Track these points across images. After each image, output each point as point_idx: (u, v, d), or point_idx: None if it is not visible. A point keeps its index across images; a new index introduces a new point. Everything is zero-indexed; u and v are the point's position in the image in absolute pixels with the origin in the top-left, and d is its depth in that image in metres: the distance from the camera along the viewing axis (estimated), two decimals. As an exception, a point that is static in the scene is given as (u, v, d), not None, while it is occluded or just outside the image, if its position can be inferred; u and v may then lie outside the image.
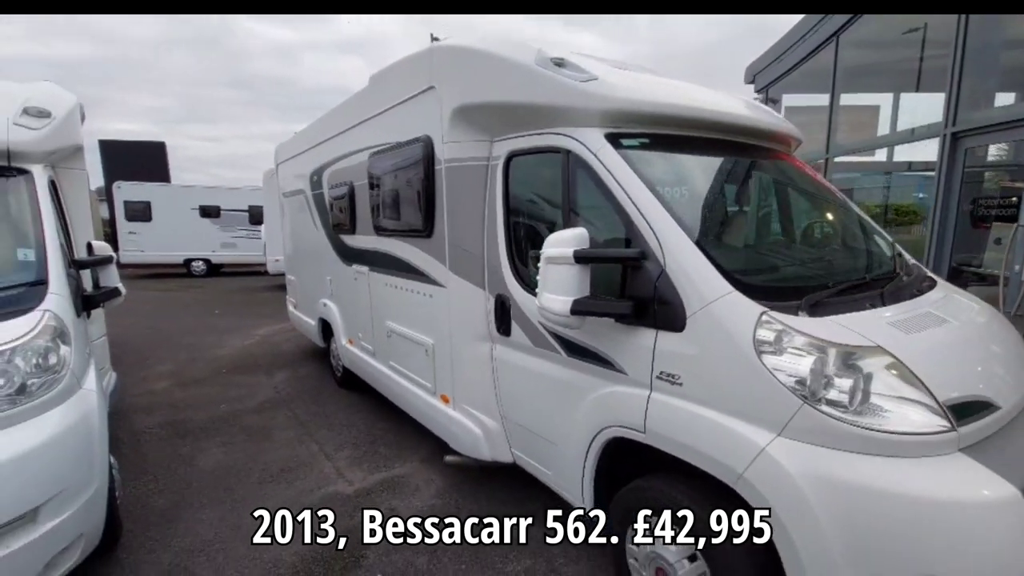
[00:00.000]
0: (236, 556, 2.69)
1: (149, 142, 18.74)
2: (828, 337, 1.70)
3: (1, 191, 2.73)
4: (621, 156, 2.17)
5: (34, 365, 2.26)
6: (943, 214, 5.75)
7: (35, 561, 2.03)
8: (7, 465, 1.98)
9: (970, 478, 1.52)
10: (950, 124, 5.63)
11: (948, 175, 5.70)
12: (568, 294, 2.03)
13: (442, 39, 2.97)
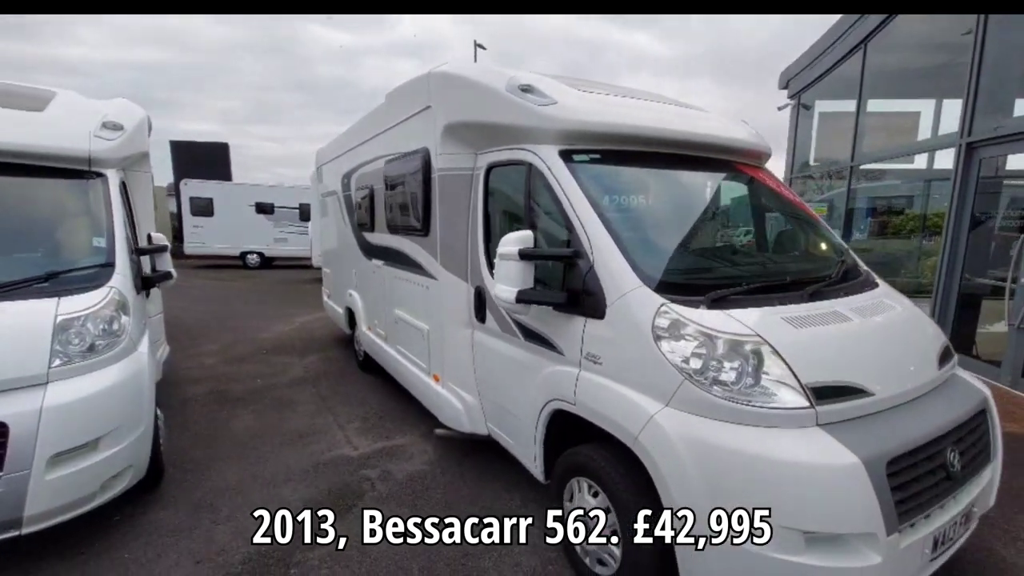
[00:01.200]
0: (251, 498, 3.24)
1: (214, 143, 20.34)
2: (715, 327, 2.02)
3: (82, 191, 3.38)
4: (569, 170, 2.54)
5: (101, 330, 2.86)
6: (956, 225, 5.71)
7: (94, 481, 2.61)
8: (78, 404, 2.57)
9: (818, 447, 1.81)
10: (965, 134, 5.59)
11: (963, 186, 5.65)
12: (514, 285, 2.43)
13: (486, 46, 3.42)
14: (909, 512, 1.87)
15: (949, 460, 2.04)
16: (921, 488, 1.93)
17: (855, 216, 8.57)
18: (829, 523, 1.75)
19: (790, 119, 10.24)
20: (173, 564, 2.62)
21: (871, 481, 1.76)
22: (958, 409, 2.21)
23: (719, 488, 1.84)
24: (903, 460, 1.88)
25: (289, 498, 3.23)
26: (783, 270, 2.74)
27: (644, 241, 2.43)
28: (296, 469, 3.61)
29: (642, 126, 2.74)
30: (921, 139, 7.60)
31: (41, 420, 2.43)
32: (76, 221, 3.34)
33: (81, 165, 3.40)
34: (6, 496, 2.34)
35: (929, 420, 2.07)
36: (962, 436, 2.16)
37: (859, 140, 7.91)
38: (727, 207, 3.02)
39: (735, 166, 3.18)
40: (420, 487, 3.39)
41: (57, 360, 2.60)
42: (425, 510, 3.11)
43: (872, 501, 1.75)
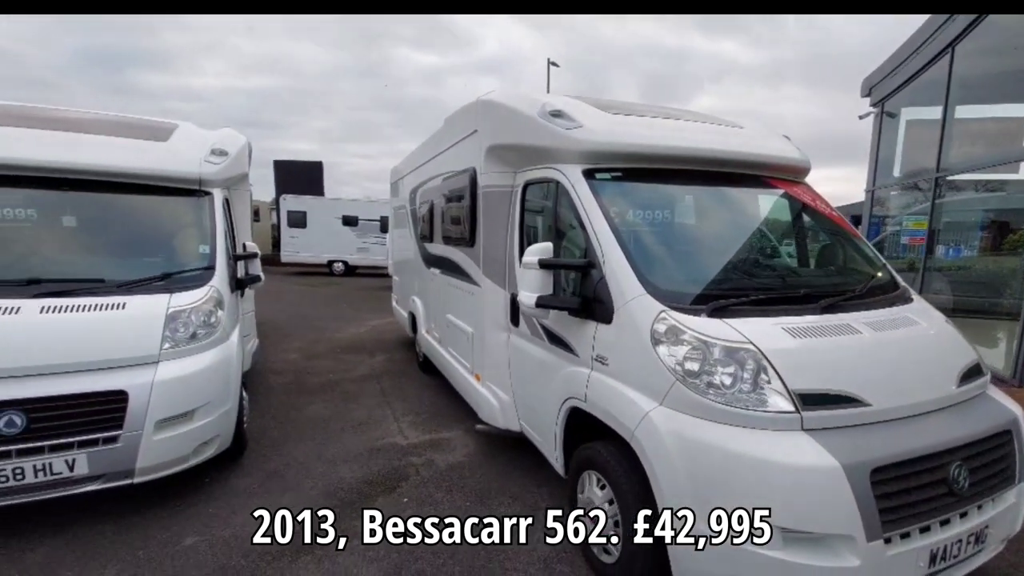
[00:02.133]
0: (313, 471, 3.71)
1: (310, 162, 22.41)
2: (710, 333, 2.17)
3: (193, 207, 4.08)
4: (590, 187, 2.78)
5: (202, 321, 3.46)
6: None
7: (189, 444, 3.18)
8: (181, 380, 3.15)
9: (798, 450, 1.91)
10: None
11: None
12: (535, 292, 2.69)
13: (563, 60, 3.79)
14: (898, 522, 1.90)
15: (953, 476, 2.03)
16: (914, 500, 1.96)
17: (960, 230, 7.88)
18: (805, 522, 1.84)
19: (872, 128, 9.64)
20: (245, 520, 3.11)
21: (851, 486, 1.83)
22: (972, 427, 2.18)
23: (701, 481, 1.99)
24: (891, 470, 1.93)
25: (344, 475, 3.68)
26: (801, 283, 2.78)
27: (653, 253, 2.61)
28: (353, 452, 4.07)
29: (662, 145, 2.92)
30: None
31: (152, 391, 3.02)
32: (187, 231, 4.03)
33: (193, 185, 4.10)
34: (124, 450, 2.94)
35: (932, 435, 2.08)
36: (973, 454, 2.13)
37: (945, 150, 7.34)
38: (751, 221, 3.10)
39: (767, 181, 3.25)
40: (457, 476, 3.71)
41: (167, 344, 3.21)
42: (458, 495, 3.42)
43: (851, 505, 1.82)
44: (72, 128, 4.01)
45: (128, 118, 4.71)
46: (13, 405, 2.74)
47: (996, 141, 8.41)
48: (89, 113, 4.67)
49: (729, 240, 2.89)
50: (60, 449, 2.82)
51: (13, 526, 2.96)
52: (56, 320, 3.02)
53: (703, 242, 2.84)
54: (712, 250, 2.82)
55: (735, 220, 3.03)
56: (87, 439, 2.87)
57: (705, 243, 2.84)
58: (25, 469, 2.75)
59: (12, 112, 4.04)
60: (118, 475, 2.97)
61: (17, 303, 3.04)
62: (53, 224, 3.71)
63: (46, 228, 3.69)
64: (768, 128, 3.76)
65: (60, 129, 3.93)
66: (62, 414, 2.83)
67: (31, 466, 2.75)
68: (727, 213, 3.05)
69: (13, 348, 2.86)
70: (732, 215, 3.05)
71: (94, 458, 2.89)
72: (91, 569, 2.66)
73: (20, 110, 4.17)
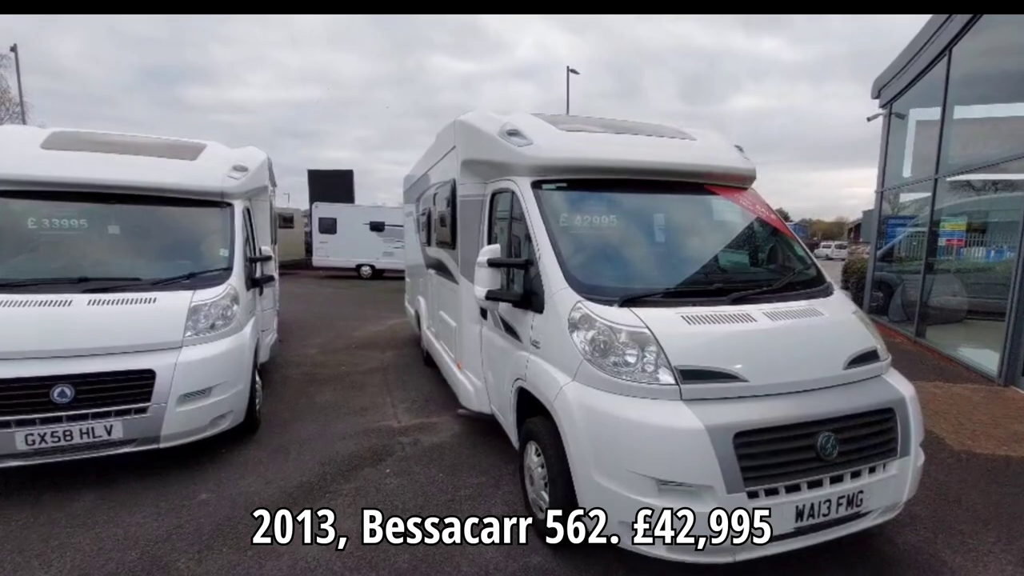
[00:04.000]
0: (315, 447, 4.26)
1: (341, 170, 23.50)
2: (615, 320, 2.56)
3: (215, 216, 4.70)
4: (535, 196, 3.21)
5: (219, 314, 4.06)
6: (1032, 241, 5.28)
7: (206, 417, 3.76)
8: (200, 362, 3.74)
9: (673, 415, 2.29)
10: (1041, 144, 5.19)
11: (1039, 199, 5.23)
12: (485, 286, 3.14)
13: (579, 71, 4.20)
14: (761, 479, 2.25)
15: (821, 444, 2.35)
16: (779, 461, 2.30)
17: (994, 230, 7.70)
18: (674, 473, 2.22)
19: (882, 129, 9.64)
20: (251, 483, 3.66)
21: (713, 445, 2.20)
22: (848, 403, 2.50)
23: (599, 442, 2.39)
24: (755, 435, 2.28)
25: (340, 450, 4.20)
26: (720, 279, 3.11)
27: (580, 253, 3.02)
28: (351, 432, 4.60)
29: (602, 158, 3.33)
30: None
31: (176, 371, 3.62)
32: (210, 237, 4.66)
33: (216, 198, 4.74)
34: (152, 419, 3.54)
35: (803, 408, 2.41)
36: (845, 427, 2.44)
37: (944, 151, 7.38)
38: (683, 225, 3.45)
39: (709, 189, 3.60)
40: (437, 453, 4.18)
41: (189, 332, 3.81)
42: (434, 468, 3.89)
43: (712, 461, 2.19)
44: (116, 150, 4.71)
45: (164, 140, 5.41)
46: (64, 379, 3.37)
47: (1011, 139, 8.32)
48: (132, 136, 5.39)
49: (656, 242, 3.27)
50: (100, 416, 3.44)
51: (62, 480, 3.60)
52: (100, 311, 3.66)
53: (630, 243, 3.22)
54: (638, 250, 3.21)
55: (667, 224, 3.39)
56: (122, 409, 3.48)
57: (632, 244, 3.22)
58: (73, 432, 3.37)
59: (67, 137, 4.77)
60: (147, 440, 3.58)
61: (70, 297, 3.70)
62: (100, 232, 4.40)
63: (94, 235, 4.37)
64: (722, 139, 4.09)
65: (105, 151, 4.63)
66: (102, 387, 3.45)
67: (77, 429, 3.38)
68: (660, 218, 3.41)
69: (65, 333, 3.51)
70: (665, 220, 3.42)
71: (128, 425, 3.50)
72: (122, 515, 3.25)
73: (74, 136, 4.90)
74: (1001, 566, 2.82)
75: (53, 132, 4.99)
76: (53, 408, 3.34)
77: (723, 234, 3.51)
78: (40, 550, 2.88)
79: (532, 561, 2.80)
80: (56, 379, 3.36)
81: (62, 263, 4.13)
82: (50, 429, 3.33)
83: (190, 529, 3.11)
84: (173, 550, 2.91)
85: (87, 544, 2.94)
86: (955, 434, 4.60)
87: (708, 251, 3.35)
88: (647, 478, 2.25)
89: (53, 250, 4.24)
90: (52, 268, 4.08)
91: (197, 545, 2.95)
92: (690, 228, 3.45)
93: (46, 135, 4.75)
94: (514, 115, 3.75)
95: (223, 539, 3.00)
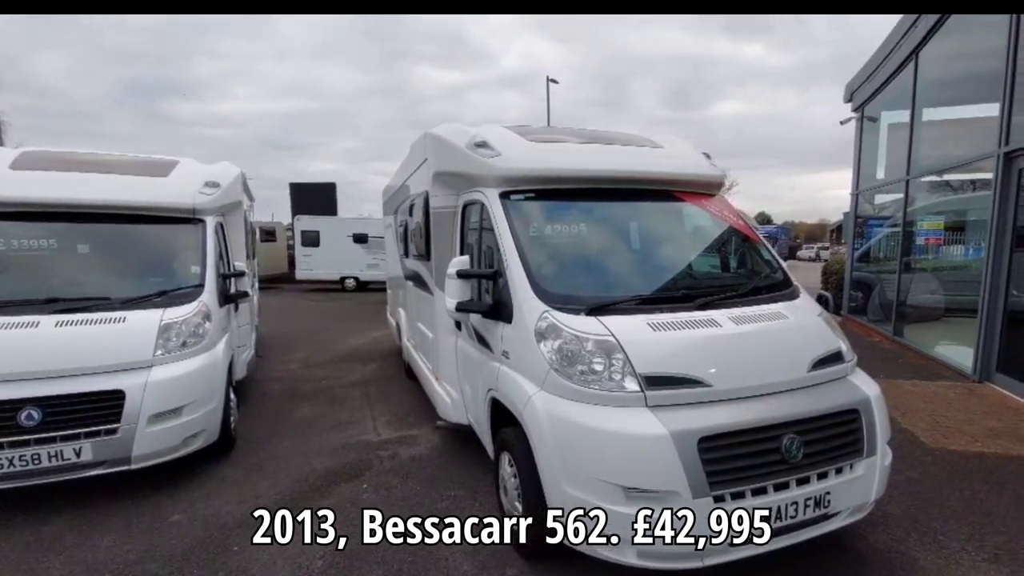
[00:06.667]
0: (292, 464, 4.21)
1: (324, 183, 23.44)
2: (582, 329, 2.58)
3: (187, 232, 4.66)
4: (503, 207, 3.23)
5: (191, 332, 4.01)
6: (998, 239, 5.40)
7: (177, 436, 3.71)
8: (170, 381, 3.69)
9: (638, 422, 2.31)
10: (1002, 143, 5.33)
11: (1003, 198, 5.36)
12: (455, 297, 3.14)
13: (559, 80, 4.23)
14: (727, 483, 2.27)
15: (786, 446, 2.38)
16: (744, 465, 2.31)
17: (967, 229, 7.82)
18: (639, 480, 2.23)
19: (855, 132, 9.84)
20: (225, 502, 3.61)
21: (677, 451, 2.21)
22: (812, 405, 2.53)
23: (567, 450, 2.39)
24: (720, 439, 2.29)
25: (317, 467, 4.15)
26: (686, 285, 3.14)
27: (548, 263, 3.03)
28: (329, 447, 4.55)
29: (569, 168, 3.36)
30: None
31: (146, 390, 3.57)
32: (182, 254, 4.60)
33: (187, 214, 4.70)
34: (123, 441, 3.48)
35: (767, 411, 2.43)
36: (810, 429, 2.46)
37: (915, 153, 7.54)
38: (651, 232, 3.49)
39: (678, 196, 3.65)
40: (416, 466, 4.15)
41: (159, 350, 3.75)
42: (412, 481, 3.86)
43: (676, 467, 2.20)
44: (86, 169, 4.67)
45: (136, 157, 5.37)
46: (31, 402, 3.31)
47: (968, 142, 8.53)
48: (104, 154, 5.34)
49: (624, 250, 3.30)
50: (69, 439, 3.37)
51: (33, 504, 3.52)
52: (68, 332, 3.61)
53: (598, 252, 3.25)
54: (605, 259, 3.23)
55: (635, 232, 3.42)
56: (91, 430, 3.42)
57: (600, 253, 3.25)
58: (41, 455, 3.31)
59: (36, 157, 4.72)
60: (118, 461, 3.51)
61: (37, 318, 3.64)
62: (69, 251, 4.34)
63: (64, 255, 4.32)
64: (690, 147, 4.15)
65: (75, 170, 4.58)
66: (71, 409, 3.39)
67: (46, 453, 3.31)
68: (628, 227, 3.44)
69: (32, 355, 3.45)
70: (633, 228, 3.45)
71: (97, 447, 3.44)
72: (93, 539, 3.18)
73: (44, 155, 4.85)
74: (973, 563, 2.85)
75: (23, 152, 4.94)
76: (20, 432, 3.27)
77: (691, 240, 3.55)
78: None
79: (507, 573, 2.79)
80: (23, 402, 3.30)
81: (30, 284, 4.06)
82: (18, 453, 3.27)
83: (161, 552, 3.06)
84: (143, 573, 2.86)
85: (56, 569, 2.89)
86: (930, 432, 4.67)
87: (676, 258, 3.38)
88: (614, 486, 2.26)
89: (21, 271, 4.18)
90: (20, 289, 4.01)
91: (168, 568, 2.90)
92: (658, 235, 3.49)
93: (15, 155, 4.69)
94: (484, 127, 3.78)
95: (194, 561, 2.96)
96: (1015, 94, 5.24)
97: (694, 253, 3.49)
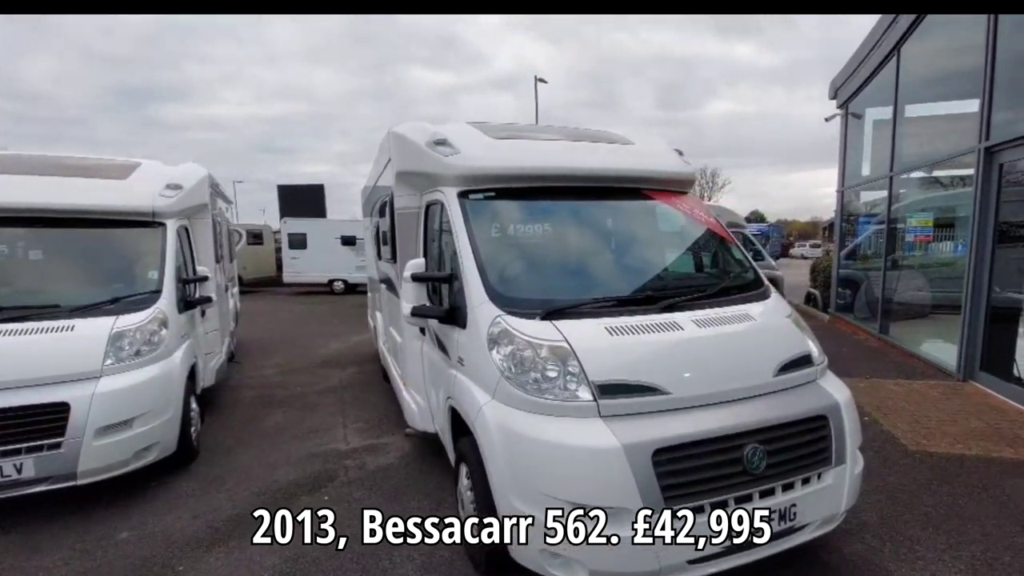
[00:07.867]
0: (253, 476, 4.05)
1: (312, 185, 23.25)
2: (534, 335, 2.44)
3: (146, 237, 4.50)
4: (461, 206, 3.09)
5: (146, 340, 3.86)
6: (980, 235, 5.31)
7: (128, 450, 3.55)
8: (120, 392, 3.53)
9: (589, 433, 2.17)
10: (983, 138, 5.24)
11: (984, 194, 5.27)
12: (410, 302, 3.01)
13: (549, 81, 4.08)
14: (682, 496, 2.14)
15: (747, 457, 2.25)
16: (703, 477, 2.19)
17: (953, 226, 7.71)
18: (588, 496, 2.09)
19: (840, 129, 9.77)
20: (177, 518, 3.46)
21: (630, 464, 2.08)
22: (777, 412, 2.40)
23: (514, 464, 2.26)
24: (676, 450, 2.16)
25: (279, 478, 4.00)
26: (648, 286, 2.99)
27: (503, 265, 2.90)
28: (294, 457, 4.40)
29: (531, 166, 3.22)
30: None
31: (92, 402, 3.41)
32: (140, 259, 4.45)
33: (146, 218, 4.54)
34: (67, 455, 3.32)
35: (727, 419, 2.30)
36: (773, 437, 2.34)
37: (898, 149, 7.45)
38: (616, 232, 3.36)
39: (647, 194, 3.52)
40: (381, 476, 4.01)
41: (109, 360, 3.60)
42: (375, 493, 3.72)
43: (629, 481, 2.07)
44: (42, 171, 4.50)
45: (96, 160, 5.20)
46: (-33, 417, 3.15)
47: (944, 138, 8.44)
48: (63, 157, 5.17)
49: (587, 250, 3.17)
50: (8, 455, 3.21)
51: (-28, 525, 3.35)
52: (9, 343, 3.44)
53: (559, 253, 3.12)
54: (566, 260, 3.10)
55: (599, 232, 3.30)
56: (33, 445, 3.26)
57: (560, 254, 3.12)
58: (-23, 473, 3.14)
59: (-12, 160, 4.54)
60: (63, 477, 3.35)
61: (-23, 328, 3.47)
62: (19, 257, 4.18)
63: (12, 261, 4.16)
64: (662, 143, 4.03)
65: (31, 173, 4.41)
66: (11, 423, 3.23)
67: (-18, 470, 3.15)
68: (592, 226, 3.32)
69: (-30, 367, 3.28)
70: (598, 228, 3.32)
71: (40, 462, 3.27)
72: (33, 559, 3.02)
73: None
74: (949, 575, 2.74)
75: (-24, 155, 4.77)
76: (-45, 448, 3.11)
77: (658, 240, 3.43)
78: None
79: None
80: (-43, 417, 3.13)
81: (-26, 292, 3.90)
82: (-48, 470, 3.10)
83: (103, 572, 2.91)
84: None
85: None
86: (911, 433, 4.56)
87: (641, 258, 3.25)
88: (562, 502, 2.12)
89: (-34, 278, 4.02)
90: (-37, 298, 3.84)
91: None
92: (624, 235, 3.36)
93: (-33, 158, 4.52)
94: (447, 124, 3.64)
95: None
96: (994, 89, 5.15)
97: (661, 253, 3.36)
